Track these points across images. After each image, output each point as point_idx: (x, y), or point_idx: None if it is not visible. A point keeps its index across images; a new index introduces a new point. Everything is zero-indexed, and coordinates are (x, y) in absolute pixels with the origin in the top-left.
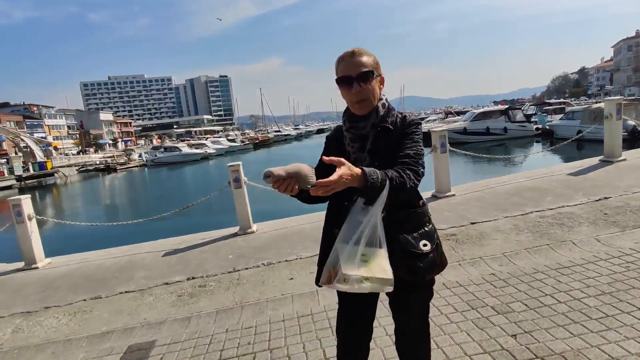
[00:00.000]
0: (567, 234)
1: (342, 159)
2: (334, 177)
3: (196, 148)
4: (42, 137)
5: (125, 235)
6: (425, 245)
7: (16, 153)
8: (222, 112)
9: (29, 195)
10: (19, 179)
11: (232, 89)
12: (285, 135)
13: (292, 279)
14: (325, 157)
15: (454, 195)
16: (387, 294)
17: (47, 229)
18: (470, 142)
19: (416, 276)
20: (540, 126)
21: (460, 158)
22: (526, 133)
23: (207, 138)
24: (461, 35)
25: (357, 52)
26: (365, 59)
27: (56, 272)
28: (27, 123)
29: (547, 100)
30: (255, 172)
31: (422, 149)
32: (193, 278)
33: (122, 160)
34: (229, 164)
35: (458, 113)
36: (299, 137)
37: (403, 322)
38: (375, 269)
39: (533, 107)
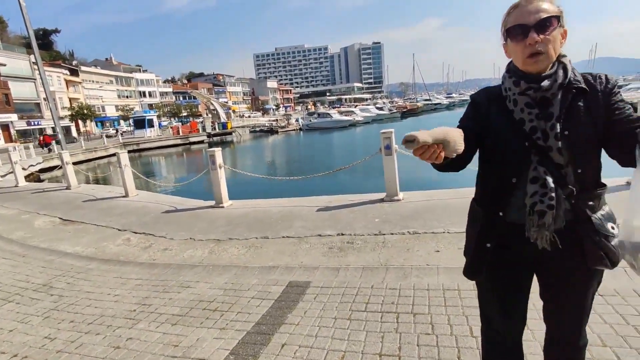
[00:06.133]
0: None
1: None
2: None
3: (345, 115)
4: (224, 102)
5: (284, 189)
6: (612, 227)
7: (207, 115)
8: (372, 80)
9: (220, 149)
10: (209, 135)
11: (383, 56)
12: (436, 104)
13: (438, 251)
14: None
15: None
16: (546, 282)
17: (227, 176)
18: None
19: (614, 264)
20: None
21: None
22: None
23: (356, 106)
24: None
25: None
26: (546, 5)
27: (236, 212)
28: (215, 90)
29: None
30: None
31: None
32: (342, 234)
33: (282, 124)
34: (382, 131)
35: None
36: (450, 107)
37: (561, 322)
38: None
39: None
